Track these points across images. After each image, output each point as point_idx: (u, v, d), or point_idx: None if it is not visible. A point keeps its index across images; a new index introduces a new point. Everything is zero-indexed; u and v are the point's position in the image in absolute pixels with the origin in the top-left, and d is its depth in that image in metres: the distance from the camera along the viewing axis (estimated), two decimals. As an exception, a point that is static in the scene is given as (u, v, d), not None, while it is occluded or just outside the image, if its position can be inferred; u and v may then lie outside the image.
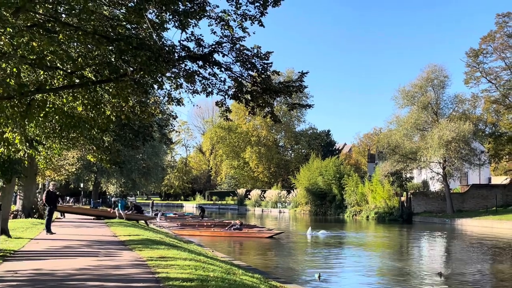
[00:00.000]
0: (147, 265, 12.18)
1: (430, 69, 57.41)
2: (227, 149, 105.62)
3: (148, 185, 77.10)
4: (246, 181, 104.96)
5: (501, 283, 18.92)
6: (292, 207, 76.47)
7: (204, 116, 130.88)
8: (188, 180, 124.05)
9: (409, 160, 55.86)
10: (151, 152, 62.66)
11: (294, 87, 15.06)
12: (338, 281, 17.57)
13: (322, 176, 69.15)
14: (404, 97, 57.82)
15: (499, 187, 59.96)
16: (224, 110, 15.41)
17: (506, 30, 55.41)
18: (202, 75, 14.07)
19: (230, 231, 35.37)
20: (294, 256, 26.06)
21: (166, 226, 38.78)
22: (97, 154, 22.20)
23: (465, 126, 52.04)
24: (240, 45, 13.86)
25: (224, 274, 11.97)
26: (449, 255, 28.63)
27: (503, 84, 57.16)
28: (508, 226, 44.04)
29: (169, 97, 14.86)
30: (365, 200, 61.61)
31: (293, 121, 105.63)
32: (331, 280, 18.18)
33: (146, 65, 11.86)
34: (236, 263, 19.00)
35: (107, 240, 19.31)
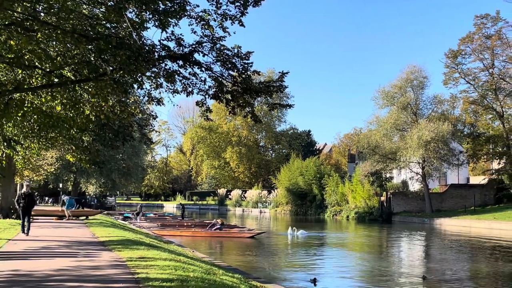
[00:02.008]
0: (126, 265, 12.10)
1: (410, 70, 57.89)
2: (208, 149, 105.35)
3: (128, 185, 76.66)
4: (227, 181, 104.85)
5: (480, 285, 19.14)
6: (273, 207, 76.58)
7: (184, 116, 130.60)
8: (169, 180, 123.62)
9: (388, 160, 56.26)
10: (131, 152, 62.30)
11: (275, 87, 15.09)
12: (317, 284, 17.42)
13: (302, 176, 69.35)
14: (384, 97, 58.20)
15: (477, 187, 60.65)
16: (204, 110, 15.40)
17: (484, 32, 56.04)
18: (182, 74, 14.05)
19: (211, 231, 35.29)
20: (274, 256, 26.07)
21: (146, 226, 38.55)
22: (76, 154, 22.02)
23: (444, 126, 52.56)
24: (220, 45, 13.87)
25: (204, 274, 11.95)
26: (428, 255, 28.85)
27: (481, 85, 57.75)
28: (486, 225, 44.60)
29: (149, 97, 14.80)
30: (345, 200, 61.91)
31: (274, 121, 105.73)
32: (304, 284, 18.18)
33: (125, 65, 11.80)
34: (217, 263, 18.96)
35: (86, 240, 19.14)
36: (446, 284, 17.07)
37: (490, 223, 44.72)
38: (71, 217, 33.52)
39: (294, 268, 21.88)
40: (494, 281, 19.00)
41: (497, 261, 25.11)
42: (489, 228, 43.28)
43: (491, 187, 59.04)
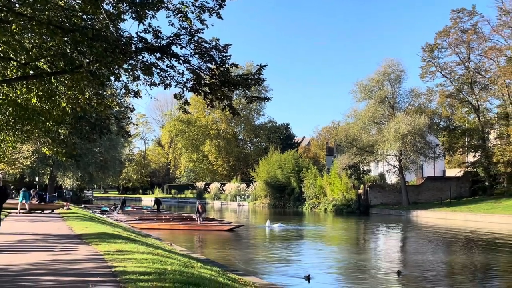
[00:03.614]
0: (103, 259, 12.03)
1: (387, 64, 58.35)
2: (186, 142, 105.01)
3: (105, 179, 76.11)
4: (205, 174, 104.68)
5: (455, 276, 19.41)
6: (252, 200, 76.73)
7: (162, 109, 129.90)
8: (147, 174, 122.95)
9: (366, 153, 56.68)
10: (109, 145, 61.81)
11: (253, 80, 15.09)
12: (290, 281, 17.20)
13: (281, 169, 69.56)
14: (361, 91, 58.57)
15: (453, 179, 61.44)
16: (182, 102, 15.34)
17: (461, 26, 56.62)
18: (160, 67, 13.97)
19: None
20: (253, 249, 26.16)
21: (123, 219, 38.36)
22: (53, 147, 21.80)
23: (421, 119, 53.11)
24: (198, 37, 13.81)
25: (182, 267, 11.94)
26: (405, 248, 29.19)
27: (457, 78, 58.38)
28: (461, 217, 45.25)
29: (126, 89, 14.69)
30: (323, 193, 62.26)
31: (253, 114, 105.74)
32: (282, 276, 18.23)
33: (102, 57, 11.70)
34: (195, 256, 18.95)
35: (63, 234, 18.99)
36: (420, 279, 17.18)
37: (466, 215, 45.37)
38: (25, 210, 33.01)
39: (272, 261, 21.97)
40: (469, 274, 19.26)
41: (472, 253, 25.50)
42: (464, 220, 43.90)
43: (467, 180, 59.90)
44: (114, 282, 9.18)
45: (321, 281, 16.37)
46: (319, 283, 16.12)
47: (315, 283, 15.92)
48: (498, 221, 41.00)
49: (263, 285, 13.92)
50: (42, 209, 35.17)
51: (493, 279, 18.60)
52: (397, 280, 16.69)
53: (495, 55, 54.34)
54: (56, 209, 36.42)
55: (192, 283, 9.50)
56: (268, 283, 14.93)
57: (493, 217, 42.39)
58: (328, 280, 17.12)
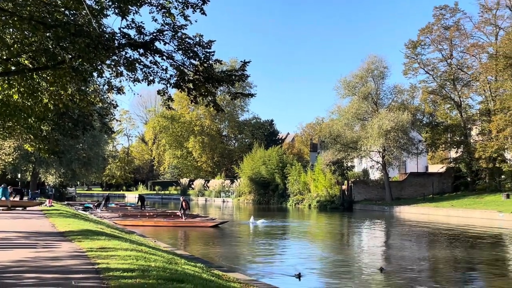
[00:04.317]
0: (86, 256, 11.97)
1: (371, 60, 58.58)
2: (170, 138, 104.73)
3: (88, 175, 75.55)
4: (190, 171, 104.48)
5: (438, 272, 19.58)
6: (236, 196, 76.76)
7: (146, 105, 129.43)
8: (130, 170, 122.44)
9: (350, 149, 56.93)
10: (92, 141, 61.35)
11: (237, 76, 15.08)
12: (273, 277, 17.15)
13: (265, 166, 69.64)
14: (345, 87, 58.75)
15: (436, 175, 61.99)
16: (166, 99, 15.28)
17: (443, 23, 57.03)
18: (143, 63, 13.90)
19: (174, 221, 35.24)
20: (237, 245, 26.18)
21: (107, 216, 38.16)
22: (35, 143, 21.60)
23: (404, 116, 53.45)
24: (182, 33, 13.77)
25: (166, 263, 11.92)
26: (388, 244, 29.33)
27: (440, 75, 58.79)
28: (444, 213, 45.67)
29: (109, 86, 14.61)
30: (307, 189, 62.44)
31: (237, 110, 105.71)
32: (267, 271, 18.29)
33: (84, 52, 11.61)
34: (179, 252, 18.93)
35: (46, 231, 18.84)
36: (403, 275, 17.26)
37: (448, 211, 45.80)
38: (5, 208, 32.70)
39: (256, 257, 22.01)
40: (451, 269, 19.45)
41: (454, 248, 25.73)
42: (447, 216, 44.32)
43: (449, 175, 60.46)
44: (97, 279, 9.14)
45: (306, 279, 16.38)
46: (306, 280, 16.14)
47: (299, 280, 15.92)
48: (480, 216, 41.44)
49: (247, 281, 13.93)
50: (18, 206, 34.78)
51: (475, 274, 18.81)
52: (380, 277, 16.75)
53: (477, 52, 54.84)
54: (30, 206, 35.94)
55: (176, 279, 9.49)
56: (252, 279, 14.96)
57: (475, 213, 42.83)
58: (313, 277, 17.14)
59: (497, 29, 53.48)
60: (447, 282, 16.76)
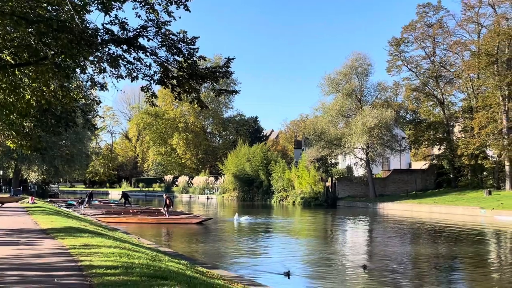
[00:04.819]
0: (69, 253, 11.90)
1: (355, 57, 58.86)
2: (154, 135, 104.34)
3: (71, 172, 75.00)
4: (174, 168, 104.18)
5: (420, 268, 19.73)
6: (220, 193, 76.73)
7: (130, 102, 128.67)
8: (114, 167, 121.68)
9: (334, 146, 57.15)
10: (75, 138, 60.89)
11: (221, 72, 15.05)
12: (258, 274, 17.06)
13: (249, 162, 69.66)
14: (329, 84, 58.93)
15: (419, 172, 62.49)
16: (150, 95, 15.21)
17: (426, 20, 57.44)
18: (127, 59, 13.82)
19: (158, 217, 35.13)
20: (221, 242, 26.16)
21: (90, 213, 37.93)
22: (17, 140, 21.37)
23: (387, 113, 53.78)
24: (165, 30, 13.71)
25: (149, 261, 11.88)
26: (371, 240, 29.50)
27: (423, 72, 59.23)
28: (426, 209, 46.06)
29: (92, 82, 14.52)
30: (291, 186, 62.57)
31: (221, 107, 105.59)
32: (250, 269, 18.30)
33: (67, 48, 11.52)
34: (163, 249, 18.89)
35: (28, 228, 18.69)
36: (385, 272, 17.30)
37: (431, 207, 46.19)
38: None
39: (240, 254, 22.04)
40: (434, 266, 19.58)
41: (437, 244, 25.94)
42: (429, 212, 44.69)
43: (432, 172, 60.99)
44: (80, 276, 9.10)
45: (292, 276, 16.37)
46: (294, 277, 16.14)
47: (288, 278, 15.84)
48: (462, 212, 41.85)
49: (232, 277, 13.95)
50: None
51: (457, 270, 18.98)
52: (363, 275, 16.76)
53: (460, 50, 55.34)
54: (8, 202, 35.50)
55: (159, 276, 9.46)
56: (236, 275, 14.97)
57: (457, 209, 43.24)
58: (296, 275, 17.04)
59: (480, 27, 53.98)
60: (430, 279, 16.90)
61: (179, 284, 8.72)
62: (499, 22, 48.82)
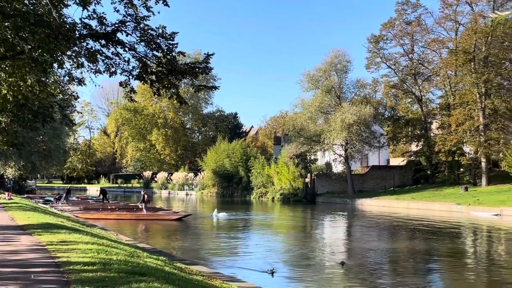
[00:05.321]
0: (46, 249, 11.81)
1: (334, 54, 59.02)
2: (133, 131, 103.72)
3: (49, 168, 74.25)
4: (153, 164, 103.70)
5: (398, 264, 19.93)
6: (199, 189, 76.59)
7: (108, 97, 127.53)
8: (92, 163, 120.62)
9: (313, 142, 57.38)
10: (52, 133, 60.22)
11: (200, 68, 15.00)
12: (237, 271, 16.96)
13: (229, 159, 69.60)
14: (309, 80, 59.06)
15: (397, 168, 63.05)
16: (128, 91, 15.11)
17: (405, 18, 57.83)
18: (105, 54, 13.70)
19: (137, 214, 34.98)
20: (200, 238, 26.15)
21: (68, 210, 37.62)
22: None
23: (366, 109, 54.13)
24: (144, 25, 13.62)
25: (127, 257, 11.84)
26: (350, 236, 29.76)
27: (401, 69, 59.64)
28: (404, 205, 46.49)
29: (70, 77, 14.39)
30: (271, 182, 62.69)
31: (201, 103, 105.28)
32: (229, 265, 18.32)
33: (44, 43, 11.39)
34: (141, 246, 18.83)
35: (4, 224, 18.50)
36: (363, 268, 17.40)
37: (408, 203, 46.64)
38: None
39: (219, 250, 22.06)
40: (411, 261, 19.82)
41: (414, 240, 26.27)
42: (407, 208, 45.11)
43: (410, 169, 61.54)
44: (58, 272, 9.04)
45: (263, 272, 16.36)
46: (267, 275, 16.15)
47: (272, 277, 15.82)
48: (439, 208, 42.34)
49: (211, 273, 13.96)
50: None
51: (434, 265, 19.20)
52: (341, 271, 16.78)
53: (438, 47, 55.87)
54: None
55: (137, 272, 9.44)
56: (215, 271, 14.99)
57: (434, 205, 43.74)
58: (277, 273, 16.96)
59: (457, 24, 54.49)
60: (408, 274, 17.08)
61: (157, 280, 8.71)
62: (476, 20, 49.32)
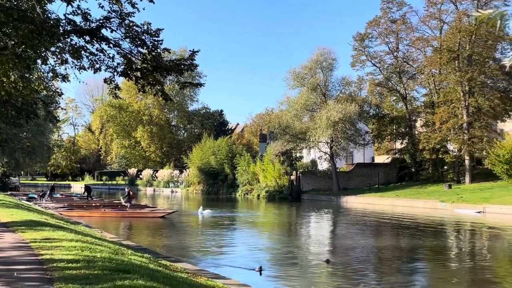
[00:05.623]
0: (30, 247, 11.73)
1: (319, 52, 59.14)
2: (118, 128, 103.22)
3: (33, 165, 73.82)
4: (138, 161, 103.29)
5: (382, 261, 20.04)
6: (185, 186, 76.43)
7: (93, 94, 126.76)
8: (77, 160, 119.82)
9: (298, 140, 57.50)
10: (36, 130, 59.85)
11: (185, 65, 14.96)
12: (224, 269, 16.90)
13: (214, 156, 69.53)
14: (294, 78, 59.14)
15: (382, 165, 63.39)
16: (113, 87, 15.02)
17: (390, 16, 58.14)
18: (89, 50, 13.62)
19: (122, 211, 34.83)
20: (186, 236, 26.12)
21: (52, 207, 37.35)
22: (-24, 132, 20.92)
23: (351, 107, 54.33)
24: (129, 21, 13.55)
25: (112, 254, 11.79)
26: (335, 234, 29.84)
27: (386, 67, 59.96)
28: (388, 202, 46.78)
29: (54, 73, 14.26)
30: (256, 179, 62.74)
31: (186, 100, 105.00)
32: (215, 263, 18.32)
33: (28, 39, 11.29)
34: (126, 243, 18.75)
35: (-13, 222, 18.33)
36: (348, 266, 17.39)
37: (393, 200, 46.92)
38: None
39: (205, 247, 22.04)
40: (395, 258, 19.93)
41: (399, 237, 26.42)
42: (392, 205, 45.38)
43: (394, 166, 61.91)
44: (41, 270, 8.98)
45: (248, 269, 16.35)
46: (252, 272, 16.14)
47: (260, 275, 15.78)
48: (423, 206, 42.65)
49: (195, 270, 13.94)
50: None
51: (418, 262, 19.35)
52: (326, 269, 16.77)
53: (422, 45, 56.22)
54: None
55: (122, 270, 9.39)
56: (200, 268, 14.97)
57: (418, 202, 44.04)
58: (251, 271, 16.82)
59: (442, 23, 54.84)
60: (392, 271, 17.18)
61: (141, 278, 8.68)
62: (460, 18, 49.69)
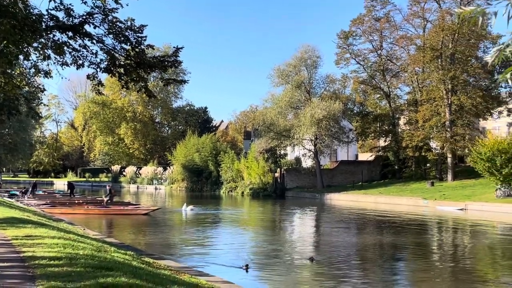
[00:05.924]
0: (11, 244, 11.63)
1: (304, 49, 59.24)
2: (101, 124, 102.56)
3: (15, 162, 73.17)
4: (121, 158, 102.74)
5: (366, 259, 20.15)
6: (169, 183, 76.20)
7: (76, 90, 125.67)
8: (59, 157, 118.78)
9: (283, 137, 57.60)
10: (18, 126, 59.31)
11: (169, 62, 14.90)
12: (211, 266, 16.81)
13: (198, 153, 69.41)
14: (279, 75, 59.21)
15: (365, 163, 63.74)
16: (96, 83, 14.92)
17: (374, 14, 58.42)
18: (72, 46, 13.49)
19: (106, 208, 34.64)
20: (169, 233, 26.05)
21: (34, 204, 37.02)
22: (-44, 128, 20.67)
23: (335, 105, 54.53)
24: (112, 17, 13.45)
25: (94, 251, 11.73)
26: (319, 231, 29.95)
27: (370, 65, 60.28)
28: (372, 199, 47.06)
29: (36, 69, 14.13)
30: (240, 177, 62.74)
31: (170, 97, 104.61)
32: (199, 260, 18.30)
33: (10, 34, 11.16)
34: (109, 240, 18.66)
35: (-32, 219, 18.13)
36: (332, 264, 17.38)
37: (376, 198, 47.21)
38: None
39: (188, 245, 22.01)
40: (378, 255, 20.06)
41: (382, 234, 26.60)
42: (375, 202, 45.67)
43: (378, 164, 62.28)
44: (23, 267, 8.90)
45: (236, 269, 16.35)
46: (236, 270, 16.16)
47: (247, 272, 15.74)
48: (406, 203, 42.96)
49: (179, 268, 13.92)
50: None
51: (401, 259, 19.49)
52: (310, 267, 16.78)
53: (406, 44, 56.54)
54: None
55: (104, 267, 9.34)
56: (183, 266, 14.93)
57: (401, 199, 44.36)
58: (237, 269, 16.73)
59: (425, 21, 55.24)
60: (375, 268, 17.30)
61: (124, 275, 8.64)
62: (443, 17, 50.06)
